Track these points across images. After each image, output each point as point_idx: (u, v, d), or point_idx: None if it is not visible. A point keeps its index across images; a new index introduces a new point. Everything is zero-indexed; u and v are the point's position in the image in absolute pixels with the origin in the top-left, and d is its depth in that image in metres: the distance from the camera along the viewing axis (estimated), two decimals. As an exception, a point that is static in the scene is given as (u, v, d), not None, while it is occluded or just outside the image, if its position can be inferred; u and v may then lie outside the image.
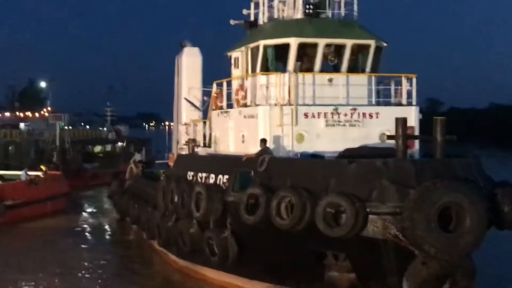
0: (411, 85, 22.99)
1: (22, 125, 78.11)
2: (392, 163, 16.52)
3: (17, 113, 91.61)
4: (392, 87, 23.30)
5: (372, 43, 22.63)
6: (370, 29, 23.58)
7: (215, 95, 25.32)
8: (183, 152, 27.16)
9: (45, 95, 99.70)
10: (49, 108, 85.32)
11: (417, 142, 22.11)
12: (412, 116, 22.05)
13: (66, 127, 68.20)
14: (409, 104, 22.78)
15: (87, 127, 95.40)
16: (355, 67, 23.15)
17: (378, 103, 23.02)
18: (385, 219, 16.12)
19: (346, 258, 18.15)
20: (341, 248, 17.70)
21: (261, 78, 22.23)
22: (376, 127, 21.70)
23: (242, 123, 22.60)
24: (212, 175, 21.30)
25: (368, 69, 22.85)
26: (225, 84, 24.43)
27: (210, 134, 25.57)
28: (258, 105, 22.04)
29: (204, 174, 21.90)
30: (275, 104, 21.34)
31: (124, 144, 69.86)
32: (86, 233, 34.76)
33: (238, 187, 19.72)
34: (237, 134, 23.01)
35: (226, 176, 20.49)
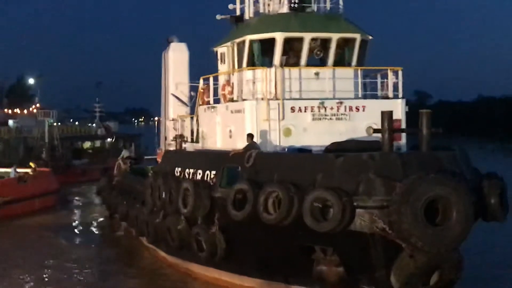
0: (397, 78, 23.01)
1: (10, 122, 77.61)
2: (378, 157, 16.49)
3: (5, 110, 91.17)
4: (379, 80, 23.29)
5: (357, 36, 22.60)
6: (356, 22, 23.58)
7: (202, 90, 25.23)
8: (171, 148, 27.08)
9: (34, 91, 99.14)
10: (37, 105, 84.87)
11: (404, 135, 22.15)
12: (399, 109, 22.06)
13: (55, 124, 67.96)
14: (396, 97, 22.78)
15: (76, 123, 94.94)
16: (341, 61, 23.11)
17: (365, 97, 23.01)
18: (372, 212, 16.11)
19: (334, 252, 18.14)
20: (329, 243, 17.66)
21: (248, 73, 22.18)
22: (362, 120, 21.65)
23: (229, 118, 22.54)
24: (200, 171, 21.24)
25: (354, 62, 22.82)
26: (211, 79, 24.34)
27: (198, 130, 25.50)
28: (244, 100, 22.00)
29: (191, 170, 21.83)
30: (262, 99, 21.30)
31: (113, 140, 69.67)
32: (75, 230, 34.75)
33: (225, 182, 19.67)
34: (224, 129, 22.95)
35: (214, 172, 20.43)
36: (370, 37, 23.45)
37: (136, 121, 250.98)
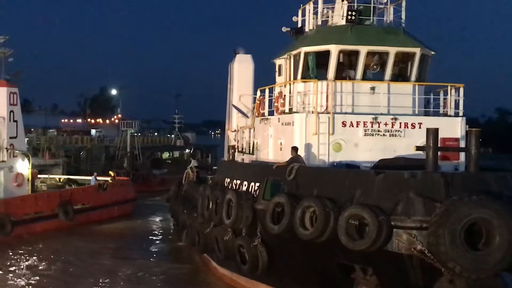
0: (459, 95, 22.10)
1: (93, 131, 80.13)
2: (420, 175, 15.74)
3: (88, 119, 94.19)
4: (441, 97, 22.43)
5: (417, 51, 21.83)
6: (425, 37, 22.82)
7: (258, 102, 25.06)
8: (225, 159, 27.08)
9: (115, 102, 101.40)
10: (119, 115, 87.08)
11: (463, 154, 21.20)
12: (458, 127, 21.20)
13: (135, 134, 69.68)
14: (457, 115, 21.85)
15: (156, 134, 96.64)
16: (401, 76, 22.41)
17: (426, 114, 22.18)
18: (410, 233, 15.37)
19: (374, 273, 17.44)
20: (366, 262, 17.00)
21: (299, 85, 21.84)
22: (418, 137, 20.71)
23: (280, 130, 22.26)
24: (245, 182, 21.03)
25: (413, 78, 22.07)
26: (267, 91, 24.16)
27: (253, 141, 25.34)
28: (295, 112, 21.65)
29: (238, 181, 21.66)
30: (312, 112, 20.88)
31: (191, 150, 70.56)
32: (143, 239, 35.23)
33: (268, 195, 19.35)
34: (275, 141, 22.68)
35: (258, 184, 20.17)
36: (432, 52, 22.64)
37: (213, 132, 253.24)
